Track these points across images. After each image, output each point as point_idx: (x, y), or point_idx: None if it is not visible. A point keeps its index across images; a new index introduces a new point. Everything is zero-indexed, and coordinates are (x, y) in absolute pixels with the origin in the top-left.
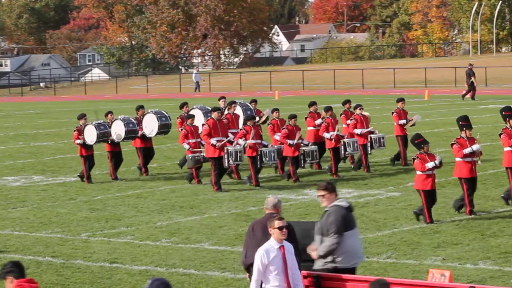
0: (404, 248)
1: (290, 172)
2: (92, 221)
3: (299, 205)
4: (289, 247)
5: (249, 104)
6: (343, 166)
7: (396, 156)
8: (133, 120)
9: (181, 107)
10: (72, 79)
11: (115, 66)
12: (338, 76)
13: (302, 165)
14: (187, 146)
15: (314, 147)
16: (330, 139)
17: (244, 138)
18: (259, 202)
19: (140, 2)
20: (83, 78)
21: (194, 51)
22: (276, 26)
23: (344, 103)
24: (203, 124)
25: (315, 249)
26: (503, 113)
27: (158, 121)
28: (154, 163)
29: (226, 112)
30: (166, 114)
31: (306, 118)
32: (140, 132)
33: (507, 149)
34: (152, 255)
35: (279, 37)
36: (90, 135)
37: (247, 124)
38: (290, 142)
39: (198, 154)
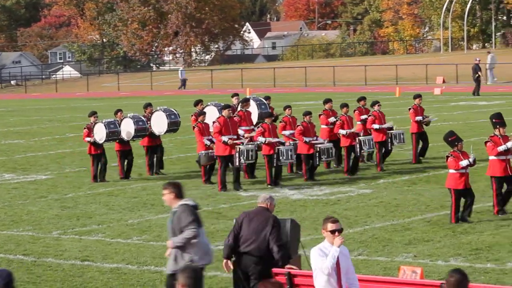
0: (375, 245)
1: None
2: (64, 219)
3: None
4: (344, 250)
5: (263, 100)
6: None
7: (421, 152)
8: (143, 118)
9: (196, 104)
10: (43, 76)
11: (86, 64)
12: (309, 74)
13: (317, 163)
14: (208, 142)
15: (329, 145)
16: (346, 136)
17: (262, 136)
18: (230, 200)
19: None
20: (54, 76)
21: (165, 49)
22: (247, 24)
23: (359, 100)
24: (213, 122)
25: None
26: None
27: (168, 119)
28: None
29: (239, 109)
30: (175, 111)
31: (320, 115)
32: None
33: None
34: (124, 252)
35: (250, 35)
36: (100, 133)
37: (265, 121)
38: (306, 139)
39: (211, 150)
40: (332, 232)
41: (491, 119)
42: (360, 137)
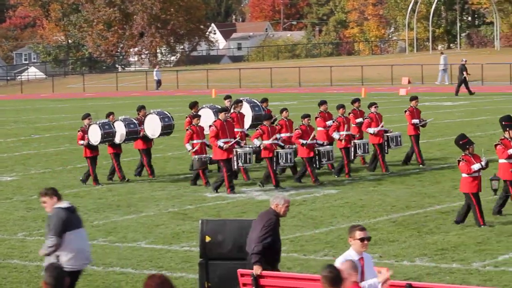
0: (341, 245)
1: (301, 173)
2: (29, 220)
3: (236, 203)
4: (368, 258)
5: (257, 101)
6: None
7: (409, 156)
8: (134, 121)
9: (191, 107)
10: (8, 78)
11: (51, 65)
12: (275, 74)
13: (318, 166)
14: (189, 147)
15: (330, 147)
16: (340, 140)
17: (260, 138)
18: (196, 201)
19: (76, 0)
20: (19, 77)
21: (131, 50)
22: (213, 25)
23: (353, 102)
24: (210, 126)
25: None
26: (503, 122)
27: (161, 122)
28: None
29: (232, 110)
30: (169, 114)
31: (316, 118)
32: (141, 133)
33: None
34: None
35: (216, 36)
36: (95, 135)
37: (264, 123)
38: (303, 142)
39: (204, 155)
40: (361, 240)
41: (500, 122)
42: (355, 141)
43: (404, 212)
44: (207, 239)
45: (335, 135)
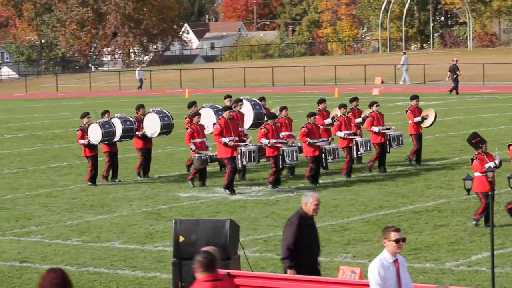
0: None
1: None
2: (2, 220)
3: (210, 203)
4: (402, 261)
5: (257, 100)
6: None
7: (416, 154)
8: (130, 118)
9: (190, 106)
10: None
11: (24, 65)
12: (248, 74)
13: (324, 165)
14: (193, 147)
15: (335, 145)
16: (344, 138)
17: (266, 137)
18: (169, 201)
19: (49, 0)
20: None
21: (104, 49)
22: (186, 24)
23: (351, 100)
24: (214, 124)
25: None
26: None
27: (161, 121)
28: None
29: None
30: (168, 113)
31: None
32: (140, 132)
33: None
34: (63, 254)
35: (189, 35)
36: (95, 134)
37: (268, 122)
38: (311, 141)
39: (205, 153)
40: (396, 241)
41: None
42: (357, 139)
43: (377, 212)
44: (181, 238)
45: (339, 134)
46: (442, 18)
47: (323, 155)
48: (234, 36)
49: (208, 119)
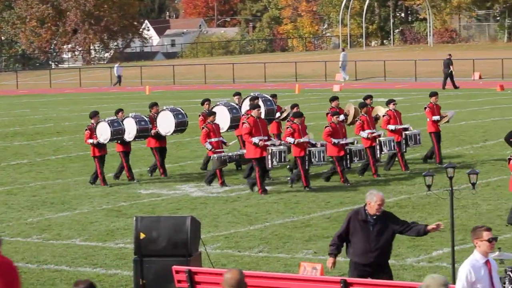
0: (275, 242)
1: (330, 173)
2: None
3: (171, 200)
4: (494, 262)
5: (268, 96)
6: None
7: (430, 153)
8: (145, 118)
9: (203, 103)
10: None
11: None
12: (208, 71)
13: (349, 166)
14: (209, 146)
15: (361, 146)
16: (367, 138)
17: (292, 136)
18: (130, 198)
19: None
20: None
21: (64, 46)
22: (146, 21)
23: (365, 98)
24: (243, 123)
25: None
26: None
27: (175, 118)
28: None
29: (244, 107)
30: (182, 111)
31: (327, 114)
32: (153, 131)
33: None
34: (23, 251)
35: (150, 32)
36: (104, 133)
37: (295, 121)
38: (335, 141)
39: (224, 154)
40: (489, 241)
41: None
42: (380, 138)
43: (338, 208)
44: (142, 236)
45: (363, 134)
46: (403, 15)
47: (348, 155)
48: (194, 33)
49: (222, 117)
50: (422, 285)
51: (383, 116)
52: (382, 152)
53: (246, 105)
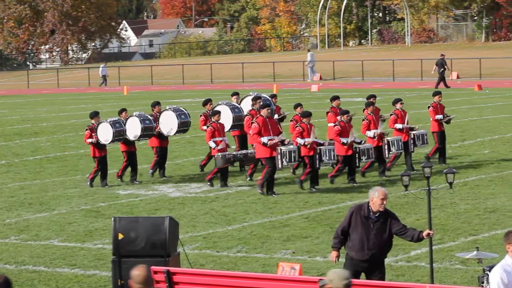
0: (254, 242)
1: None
2: None
3: (149, 201)
4: None
5: (266, 96)
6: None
7: (436, 152)
8: (149, 117)
9: (205, 104)
10: None
11: None
12: (186, 71)
13: (358, 165)
14: (213, 145)
15: (369, 145)
16: (373, 138)
17: (301, 136)
18: (109, 198)
19: None
20: None
21: (42, 47)
22: (124, 22)
23: (368, 98)
24: (252, 122)
25: None
26: None
27: (178, 118)
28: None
29: (250, 108)
30: (185, 111)
31: (327, 113)
32: (155, 130)
33: None
34: (1, 252)
35: (127, 32)
36: (105, 133)
37: (303, 121)
38: (344, 140)
39: (228, 152)
40: None
41: None
42: (388, 138)
43: (316, 208)
44: (120, 236)
45: (369, 133)
46: (380, 14)
47: (356, 154)
48: (172, 33)
49: (224, 117)
50: (325, 280)
51: (390, 115)
52: (390, 152)
53: (245, 105)
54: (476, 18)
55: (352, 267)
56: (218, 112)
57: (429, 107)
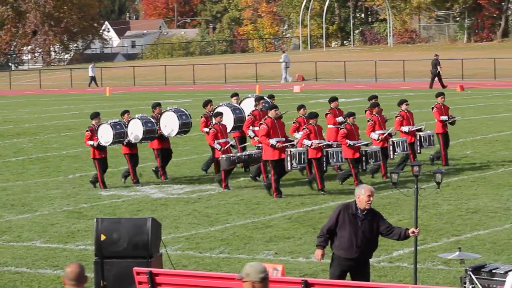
0: (236, 242)
1: (344, 175)
2: None
3: (132, 202)
4: None
5: (265, 97)
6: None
7: (436, 155)
8: (151, 119)
9: (205, 105)
10: None
11: None
12: (169, 72)
13: (364, 168)
14: (218, 147)
15: (376, 148)
16: (378, 140)
17: (308, 138)
18: (91, 199)
19: None
20: None
21: (24, 48)
22: (106, 22)
23: (370, 98)
24: (260, 124)
25: None
26: None
27: (179, 119)
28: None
29: (253, 108)
30: (186, 112)
31: (326, 114)
32: (158, 132)
33: None
34: None
35: (110, 33)
36: (106, 135)
37: (310, 122)
38: (350, 142)
39: (233, 154)
40: None
41: None
42: (393, 139)
43: (299, 209)
44: (102, 237)
45: (373, 135)
46: (363, 15)
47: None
48: (155, 34)
49: (225, 118)
50: (241, 274)
51: (396, 117)
52: (396, 153)
53: (245, 106)
54: (458, 19)
55: (339, 267)
56: (221, 114)
57: (432, 108)
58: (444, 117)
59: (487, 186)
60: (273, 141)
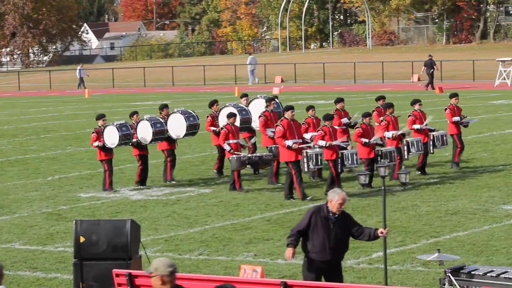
0: (215, 244)
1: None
2: None
3: (111, 203)
4: None
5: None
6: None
7: (461, 154)
8: (161, 120)
9: (211, 105)
10: None
11: None
12: (148, 74)
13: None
14: (228, 147)
15: (391, 148)
16: (392, 139)
17: (323, 139)
18: (70, 201)
19: None
20: None
21: (3, 50)
22: (85, 24)
23: (377, 99)
24: (276, 125)
25: None
26: None
27: (186, 121)
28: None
29: (264, 109)
30: (193, 113)
31: (333, 115)
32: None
33: None
34: None
35: (89, 35)
36: (112, 137)
37: (325, 124)
38: (365, 140)
39: (243, 154)
40: None
41: None
42: (407, 139)
43: (278, 210)
44: (81, 239)
45: (387, 134)
46: (342, 17)
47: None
48: (133, 36)
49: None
50: (149, 269)
51: (409, 116)
52: (410, 153)
53: (254, 107)
54: (437, 20)
55: (313, 270)
56: (234, 115)
57: (445, 109)
58: (457, 118)
59: (466, 188)
60: (289, 142)
